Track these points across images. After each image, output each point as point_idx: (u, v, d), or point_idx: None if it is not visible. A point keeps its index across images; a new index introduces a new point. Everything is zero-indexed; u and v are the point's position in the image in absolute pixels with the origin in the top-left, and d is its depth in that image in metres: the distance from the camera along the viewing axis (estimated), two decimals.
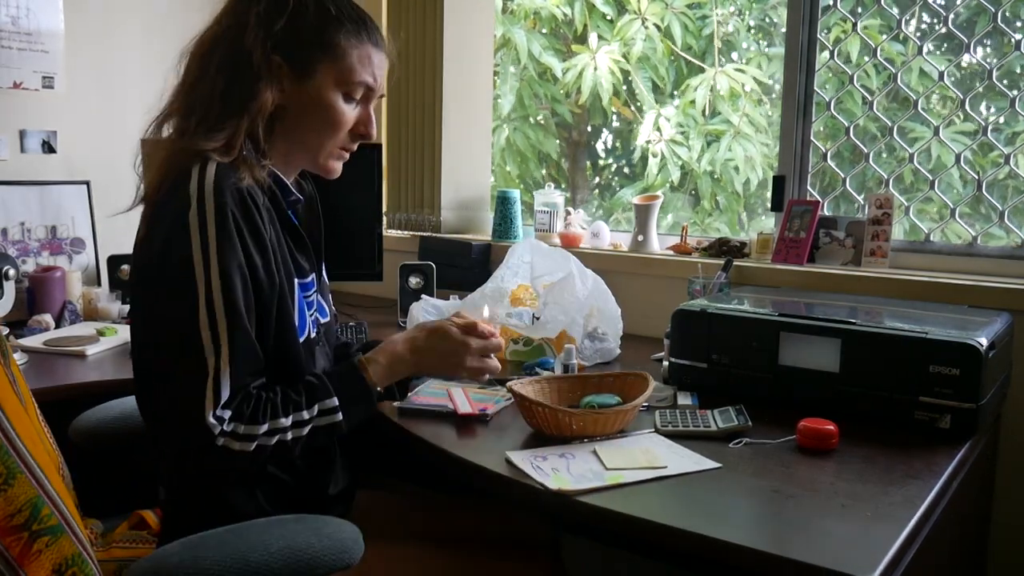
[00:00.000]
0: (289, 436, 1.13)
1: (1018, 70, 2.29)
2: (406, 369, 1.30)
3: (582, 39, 3.41)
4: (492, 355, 1.34)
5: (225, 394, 1.08)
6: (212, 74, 1.16)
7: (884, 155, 2.29)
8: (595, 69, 3.27)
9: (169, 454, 1.16)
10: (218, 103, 1.16)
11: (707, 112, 3.27)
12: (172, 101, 1.21)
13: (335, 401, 1.18)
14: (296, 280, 1.22)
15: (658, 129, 3.28)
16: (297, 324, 1.21)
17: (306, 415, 1.15)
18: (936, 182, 2.05)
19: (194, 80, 1.19)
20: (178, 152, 1.14)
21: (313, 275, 1.29)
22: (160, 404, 1.13)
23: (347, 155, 1.30)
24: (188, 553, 0.98)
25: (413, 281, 2.30)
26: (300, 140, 1.24)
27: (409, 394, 1.54)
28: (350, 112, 1.25)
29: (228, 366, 1.08)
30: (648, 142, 3.30)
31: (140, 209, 1.24)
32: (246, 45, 1.16)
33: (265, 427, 1.11)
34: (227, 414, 1.08)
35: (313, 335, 1.27)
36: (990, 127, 1.99)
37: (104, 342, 1.98)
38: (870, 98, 2.14)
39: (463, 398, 1.50)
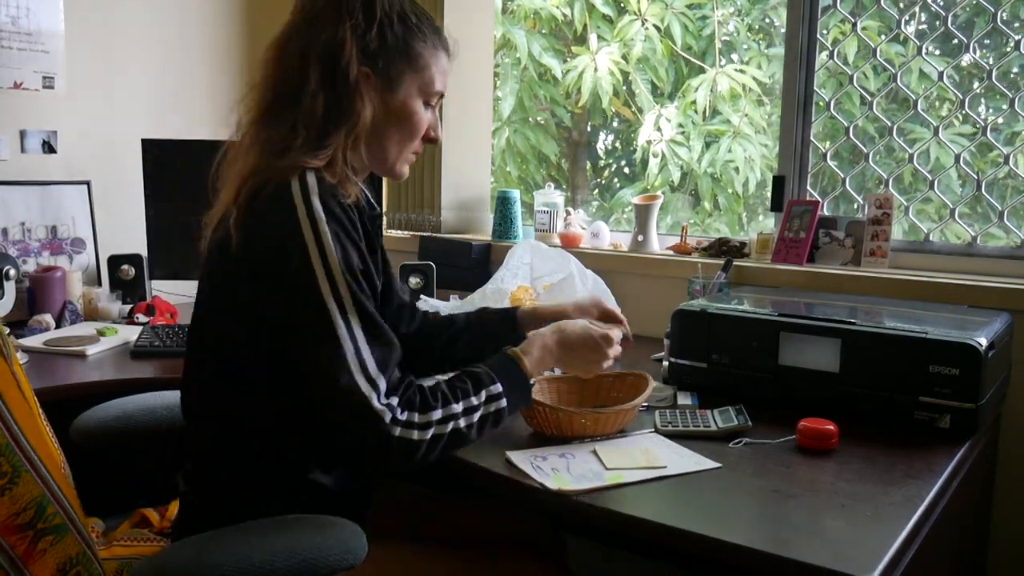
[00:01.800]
0: (462, 423, 1.14)
1: (1015, 70, 2.29)
2: (552, 362, 1.32)
3: (582, 40, 3.41)
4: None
5: (382, 383, 1.08)
6: (312, 90, 1.15)
7: (883, 155, 2.29)
8: (595, 70, 3.27)
9: (343, 455, 1.17)
10: (320, 121, 1.15)
11: (707, 113, 3.27)
12: (262, 110, 1.19)
13: (500, 387, 1.19)
14: (377, 278, 1.24)
15: (658, 129, 3.28)
16: None
17: (475, 401, 1.16)
18: (936, 182, 2.06)
19: (291, 94, 1.17)
20: (278, 164, 1.13)
21: (379, 281, 1.31)
22: (319, 410, 1.12)
23: (414, 157, 1.32)
24: (192, 552, 0.98)
25: (413, 281, 2.30)
26: (381, 148, 1.25)
27: None
28: (427, 118, 1.27)
29: (371, 354, 1.08)
30: (648, 142, 3.30)
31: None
32: (344, 61, 1.16)
33: (439, 414, 1.12)
34: (395, 400, 1.09)
35: None
36: (989, 127, 1.99)
37: (104, 342, 1.98)
38: (869, 98, 2.15)
39: None
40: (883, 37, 2.26)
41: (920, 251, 2.02)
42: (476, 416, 1.16)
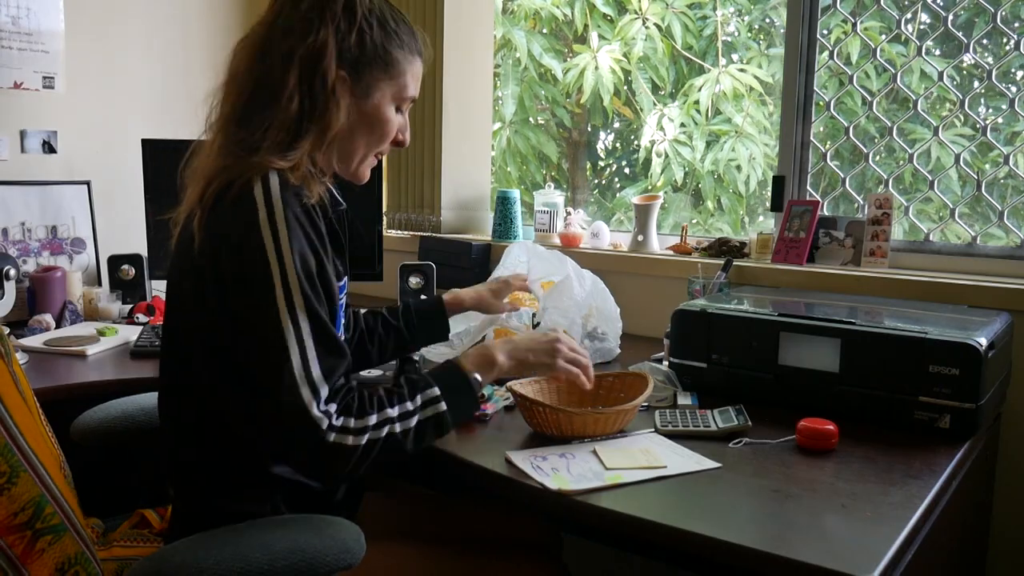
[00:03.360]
0: (398, 428, 1.12)
1: (1014, 70, 2.29)
2: (502, 359, 1.28)
3: (582, 39, 3.41)
4: (582, 360, 1.36)
5: (324, 390, 1.08)
6: (290, 92, 1.14)
7: (883, 155, 2.29)
8: (596, 69, 3.27)
9: (280, 456, 1.17)
10: (293, 123, 1.15)
11: (710, 112, 3.27)
12: (236, 108, 1.19)
13: (436, 391, 1.18)
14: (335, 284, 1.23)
15: (661, 129, 3.28)
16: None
17: (410, 406, 1.15)
18: (936, 182, 2.06)
19: (269, 94, 1.15)
20: (244, 164, 1.13)
21: (345, 278, 1.31)
22: (260, 409, 1.12)
23: (376, 161, 1.32)
24: (190, 552, 0.98)
25: (413, 281, 2.30)
26: (349, 151, 1.25)
27: None
28: (397, 123, 1.27)
29: (317, 361, 1.08)
30: (652, 142, 3.30)
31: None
32: (324, 64, 1.15)
33: (374, 419, 1.11)
34: (333, 407, 1.08)
35: (344, 336, 1.29)
36: (989, 127, 1.99)
37: (104, 342, 1.98)
38: (870, 99, 2.15)
39: None
40: (884, 37, 2.26)
41: (920, 251, 2.02)
42: (413, 421, 1.14)
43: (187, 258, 1.15)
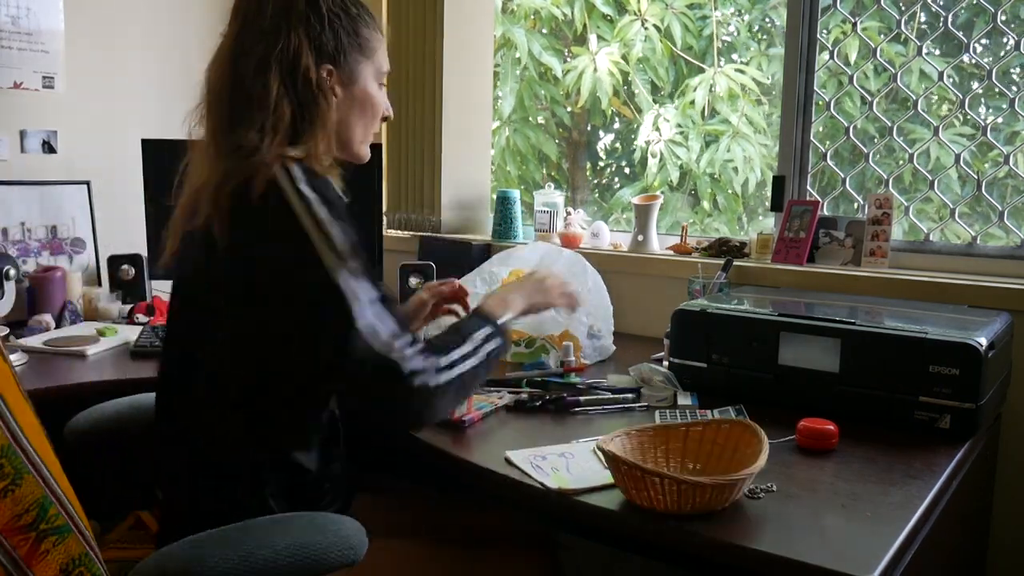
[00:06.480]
0: (475, 360, 1.20)
1: (1015, 70, 2.29)
2: (513, 298, 1.38)
3: (582, 39, 3.41)
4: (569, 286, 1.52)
5: (402, 341, 1.11)
6: (276, 99, 1.17)
7: (883, 155, 2.29)
8: (595, 71, 3.27)
9: (381, 422, 1.23)
10: (290, 126, 1.17)
11: (706, 112, 3.27)
12: (219, 121, 1.20)
13: (489, 327, 1.27)
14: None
15: (657, 129, 3.28)
16: None
17: (477, 340, 1.23)
18: (936, 182, 2.06)
19: (254, 103, 1.17)
20: (253, 162, 1.14)
21: None
22: (350, 387, 1.15)
23: (372, 138, 1.36)
24: (193, 551, 0.98)
25: (413, 281, 2.30)
26: (349, 135, 1.29)
27: None
28: (383, 99, 1.32)
29: (390, 318, 1.12)
30: (647, 142, 3.30)
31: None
32: (303, 66, 1.18)
33: (457, 353, 1.18)
34: (415, 351, 1.12)
35: None
36: (989, 127, 1.99)
37: (104, 342, 1.98)
38: (870, 98, 2.15)
39: None
40: (883, 37, 2.26)
41: (920, 251, 2.02)
42: (483, 353, 1.22)
43: (208, 262, 1.17)
